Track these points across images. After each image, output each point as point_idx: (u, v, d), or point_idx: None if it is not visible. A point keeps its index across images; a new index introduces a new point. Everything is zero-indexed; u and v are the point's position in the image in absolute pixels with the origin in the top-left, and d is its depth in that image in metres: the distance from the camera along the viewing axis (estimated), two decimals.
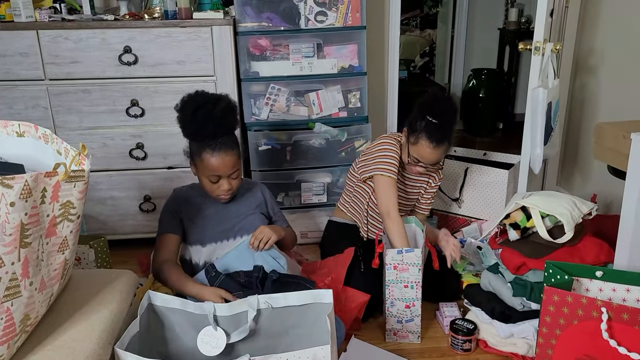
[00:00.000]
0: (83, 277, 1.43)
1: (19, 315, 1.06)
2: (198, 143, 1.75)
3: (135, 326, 1.34)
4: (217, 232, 1.84)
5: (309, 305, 1.46)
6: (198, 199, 1.88)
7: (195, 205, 1.87)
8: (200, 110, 1.70)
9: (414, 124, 2.02)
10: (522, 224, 1.85)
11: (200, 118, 1.70)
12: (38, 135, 1.32)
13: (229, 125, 1.78)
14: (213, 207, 1.87)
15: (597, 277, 1.53)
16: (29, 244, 1.04)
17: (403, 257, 1.82)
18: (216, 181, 1.77)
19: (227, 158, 1.74)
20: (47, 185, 1.08)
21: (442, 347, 1.90)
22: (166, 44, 2.30)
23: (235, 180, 1.81)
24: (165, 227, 1.85)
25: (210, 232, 1.84)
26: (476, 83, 4.50)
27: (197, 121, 1.71)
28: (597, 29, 2.66)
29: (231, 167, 1.76)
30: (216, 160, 1.73)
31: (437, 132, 1.98)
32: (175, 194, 1.92)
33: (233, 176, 1.79)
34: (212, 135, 1.72)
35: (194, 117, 1.71)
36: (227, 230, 1.85)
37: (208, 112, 1.70)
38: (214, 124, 1.71)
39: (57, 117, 2.36)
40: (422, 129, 1.99)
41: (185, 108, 1.74)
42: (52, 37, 2.25)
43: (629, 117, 2.31)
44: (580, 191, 2.79)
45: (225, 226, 1.85)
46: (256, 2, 2.41)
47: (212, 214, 1.86)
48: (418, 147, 2.03)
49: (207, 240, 1.84)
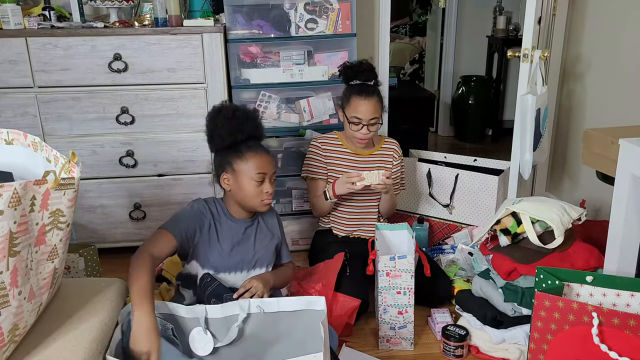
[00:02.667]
0: (73, 286, 1.42)
1: (7, 325, 1.05)
2: (233, 149, 1.68)
3: (118, 334, 1.33)
4: (234, 262, 1.72)
5: (302, 312, 1.46)
6: (224, 219, 1.74)
7: (220, 227, 1.72)
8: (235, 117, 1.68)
9: (344, 95, 2.20)
10: (513, 230, 1.86)
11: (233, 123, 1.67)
12: (27, 143, 1.31)
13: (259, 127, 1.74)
14: (236, 232, 1.74)
15: (587, 282, 1.54)
16: (18, 252, 1.03)
17: (395, 264, 1.82)
18: (261, 182, 1.68)
19: (269, 157, 1.72)
20: (36, 193, 1.07)
21: (434, 353, 1.90)
22: (156, 52, 2.29)
23: (273, 184, 1.73)
24: (174, 229, 1.63)
25: (229, 261, 1.71)
26: (465, 90, 4.54)
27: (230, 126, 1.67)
28: (584, 36, 2.69)
29: (273, 166, 1.72)
30: (260, 157, 1.68)
31: (365, 88, 2.14)
32: (205, 205, 1.73)
33: (273, 178, 1.73)
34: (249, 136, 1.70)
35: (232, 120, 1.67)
36: (244, 262, 1.73)
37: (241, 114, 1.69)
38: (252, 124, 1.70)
39: (47, 125, 2.35)
40: (352, 91, 2.15)
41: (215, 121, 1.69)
42: (41, 44, 2.24)
43: (615, 123, 2.34)
44: (569, 197, 2.81)
45: (243, 257, 1.73)
46: (247, 10, 2.41)
47: (234, 241, 1.72)
48: (351, 106, 2.14)
49: (222, 268, 1.70)
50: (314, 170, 2.26)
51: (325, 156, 2.25)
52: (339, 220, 2.31)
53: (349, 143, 2.27)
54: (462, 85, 4.56)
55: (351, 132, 2.18)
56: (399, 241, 2.09)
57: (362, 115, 2.12)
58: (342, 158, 2.26)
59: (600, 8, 2.56)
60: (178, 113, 2.38)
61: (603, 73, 2.56)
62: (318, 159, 2.26)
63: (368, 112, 2.12)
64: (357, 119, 2.13)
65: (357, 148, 2.26)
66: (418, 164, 2.69)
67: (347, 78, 2.20)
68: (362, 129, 2.14)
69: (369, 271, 1.96)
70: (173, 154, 2.44)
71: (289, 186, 2.62)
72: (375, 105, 2.14)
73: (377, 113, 2.14)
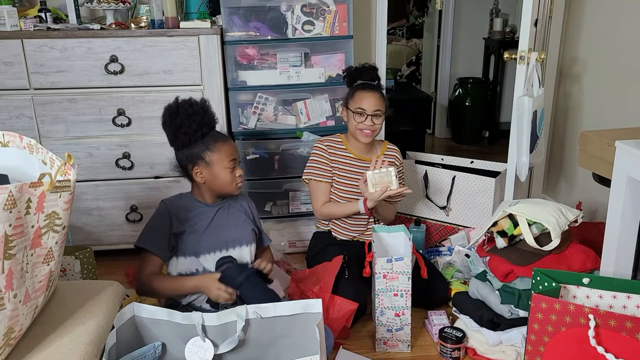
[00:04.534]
0: (69, 289, 1.41)
1: (2, 328, 1.04)
2: (198, 144, 1.74)
3: (112, 338, 1.32)
4: (211, 242, 1.80)
5: (298, 315, 1.45)
6: (189, 210, 1.83)
7: (187, 216, 1.81)
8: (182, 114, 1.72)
9: (347, 94, 2.24)
10: (510, 232, 1.86)
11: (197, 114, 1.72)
12: (23, 145, 1.30)
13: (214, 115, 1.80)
14: (205, 217, 1.83)
15: (584, 284, 1.54)
16: (13, 255, 1.03)
17: (392, 266, 1.82)
18: (233, 167, 1.78)
19: (232, 141, 1.82)
20: (32, 196, 1.06)
21: (431, 355, 1.90)
22: (153, 53, 2.29)
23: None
24: (152, 246, 1.76)
25: (204, 242, 1.79)
26: (462, 92, 4.55)
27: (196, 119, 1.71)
28: (580, 38, 2.70)
29: (237, 151, 1.83)
30: (228, 144, 1.78)
31: (368, 85, 2.20)
32: (165, 206, 1.83)
33: (239, 160, 1.84)
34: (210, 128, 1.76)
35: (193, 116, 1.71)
36: (220, 242, 1.81)
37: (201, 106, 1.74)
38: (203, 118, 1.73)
39: (42, 127, 2.34)
40: (353, 89, 2.21)
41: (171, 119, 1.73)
42: (37, 46, 2.23)
43: (612, 125, 2.35)
44: (565, 198, 2.82)
45: (219, 237, 1.82)
46: (243, 12, 2.41)
47: (205, 225, 1.81)
48: (355, 99, 2.17)
49: (202, 250, 1.79)
50: (319, 173, 2.24)
51: (331, 159, 2.24)
52: (342, 225, 2.29)
53: (352, 148, 2.27)
54: (459, 87, 4.57)
55: (354, 126, 2.17)
56: (396, 243, 2.08)
57: (366, 106, 2.14)
58: (346, 163, 2.25)
59: (597, 10, 2.57)
60: None
61: (599, 75, 2.56)
62: (324, 161, 2.24)
63: (372, 103, 2.14)
64: (360, 109, 2.14)
65: (361, 153, 2.26)
66: (415, 166, 2.69)
67: (351, 80, 2.24)
68: (366, 119, 2.14)
69: (366, 273, 1.96)
70: (169, 156, 2.39)
71: (286, 188, 2.61)
72: (379, 99, 2.17)
73: (381, 106, 2.16)
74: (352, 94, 2.20)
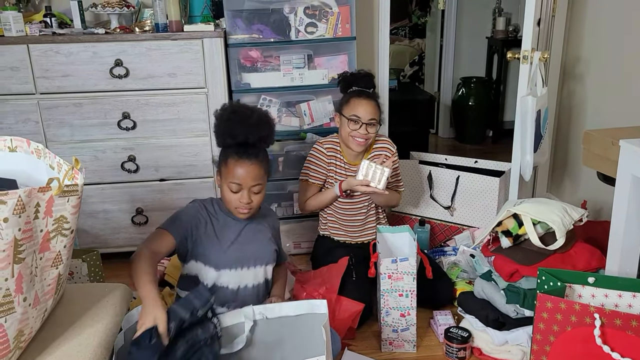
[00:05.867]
0: (76, 292, 1.42)
1: (12, 331, 1.05)
2: (227, 149, 1.68)
3: (120, 340, 1.34)
4: (233, 258, 1.72)
5: (304, 316, 1.46)
6: (221, 217, 1.75)
7: (218, 223, 1.74)
8: (236, 114, 1.66)
9: (342, 100, 2.21)
10: (514, 231, 1.86)
11: (234, 120, 1.65)
12: (30, 150, 1.32)
13: (261, 134, 1.68)
14: (232, 231, 1.74)
15: (589, 283, 1.54)
16: (23, 259, 1.04)
17: (397, 266, 1.83)
18: (237, 191, 1.67)
19: (252, 167, 1.65)
20: (40, 201, 1.07)
21: (437, 355, 1.91)
22: (157, 57, 2.30)
23: (257, 195, 1.70)
24: (171, 227, 1.66)
25: (227, 257, 1.71)
26: (465, 91, 4.55)
27: (231, 123, 1.65)
28: (583, 37, 2.70)
29: (253, 178, 1.66)
30: (241, 167, 1.64)
31: (363, 93, 2.16)
32: (201, 205, 1.75)
33: (255, 190, 1.68)
34: (242, 140, 1.65)
35: (229, 118, 1.66)
36: (243, 259, 1.73)
37: (244, 116, 1.66)
38: (246, 128, 1.64)
39: (48, 131, 2.35)
40: (348, 95, 2.18)
41: (223, 112, 1.69)
42: (42, 51, 2.25)
43: (616, 123, 2.34)
44: (570, 198, 2.82)
45: (243, 253, 1.73)
46: (246, 14, 2.42)
47: (231, 238, 1.73)
48: (350, 105, 2.14)
49: (222, 265, 1.70)
50: (313, 175, 2.25)
51: (328, 162, 2.24)
52: (338, 227, 2.30)
53: (344, 152, 2.25)
54: (462, 87, 4.57)
55: (347, 133, 2.14)
56: (400, 244, 2.09)
57: (361, 114, 2.11)
58: (338, 166, 2.25)
59: (600, 8, 2.57)
60: (179, 118, 2.39)
61: (603, 74, 2.56)
62: (320, 164, 2.24)
63: (367, 111, 2.12)
64: (355, 117, 2.12)
65: (352, 158, 2.24)
66: (419, 166, 2.70)
67: (345, 86, 2.21)
68: (360, 128, 2.12)
69: (371, 274, 1.96)
70: (174, 159, 2.45)
71: (290, 189, 2.62)
72: (375, 108, 2.14)
73: (375, 115, 2.14)
74: (347, 100, 2.17)
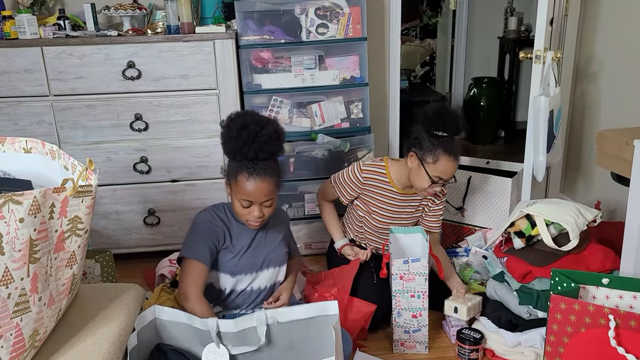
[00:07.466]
0: (90, 292, 1.44)
1: (28, 330, 1.07)
2: (237, 163, 1.65)
3: (134, 339, 1.34)
4: (249, 263, 1.76)
5: (315, 318, 1.46)
6: (235, 224, 1.76)
7: (234, 234, 1.75)
8: (245, 130, 1.60)
9: (425, 143, 1.96)
10: (527, 232, 1.85)
11: (244, 137, 1.60)
12: (45, 151, 1.33)
13: (271, 150, 1.65)
14: (244, 238, 1.76)
15: (603, 284, 1.53)
16: (38, 259, 1.05)
17: (409, 267, 1.82)
18: (247, 206, 1.66)
19: (263, 185, 1.63)
20: (55, 201, 1.09)
21: (449, 356, 1.90)
22: (169, 59, 2.32)
23: (268, 208, 1.69)
24: (198, 254, 1.67)
25: (242, 263, 1.74)
26: (477, 92, 4.52)
27: (241, 140, 1.60)
28: (596, 36, 2.67)
29: (265, 194, 1.65)
30: (251, 185, 1.62)
31: (452, 145, 1.95)
32: (213, 214, 1.75)
33: (266, 204, 1.67)
34: (252, 158, 1.61)
35: (238, 135, 1.60)
36: (257, 263, 1.77)
37: (253, 133, 1.59)
38: (257, 147, 1.60)
39: (62, 133, 2.38)
40: (438, 146, 1.94)
41: (231, 125, 1.64)
42: (56, 53, 2.27)
43: (630, 123, 2.32)
44: (583, 198, 2.79)
45: (256, 258, 1.77)
46: (258, 16, 2.43)
47: (245, 245, 1.75)
48: (439, 165, 1.95)
49: (237, 271, 1.74)
50: (341, 190, 2.17)
51: (362, 188, 2.13)
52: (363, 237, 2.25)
53: (396, 180, 2.10)
54: (474, 87, 4.54)
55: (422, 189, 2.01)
56: (412, 244, 2.08)
57: (446, 177, 1.98)
58: (385, 195, 2.13)
59: (613, 7, 2.54)
60: (191, 119, 2.40)
61: (616, 73, 2.54)
62: (352, 187, 2.14)
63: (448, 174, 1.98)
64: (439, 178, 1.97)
65: (405, 188, 2.11)
66: None
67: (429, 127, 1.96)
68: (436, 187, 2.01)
69: (383, 274, 1.96)
70: (186, 160, 2.46)
71: (302, 190, 2.62)
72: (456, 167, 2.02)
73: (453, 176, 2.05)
74: (435, 153, 1.93)
